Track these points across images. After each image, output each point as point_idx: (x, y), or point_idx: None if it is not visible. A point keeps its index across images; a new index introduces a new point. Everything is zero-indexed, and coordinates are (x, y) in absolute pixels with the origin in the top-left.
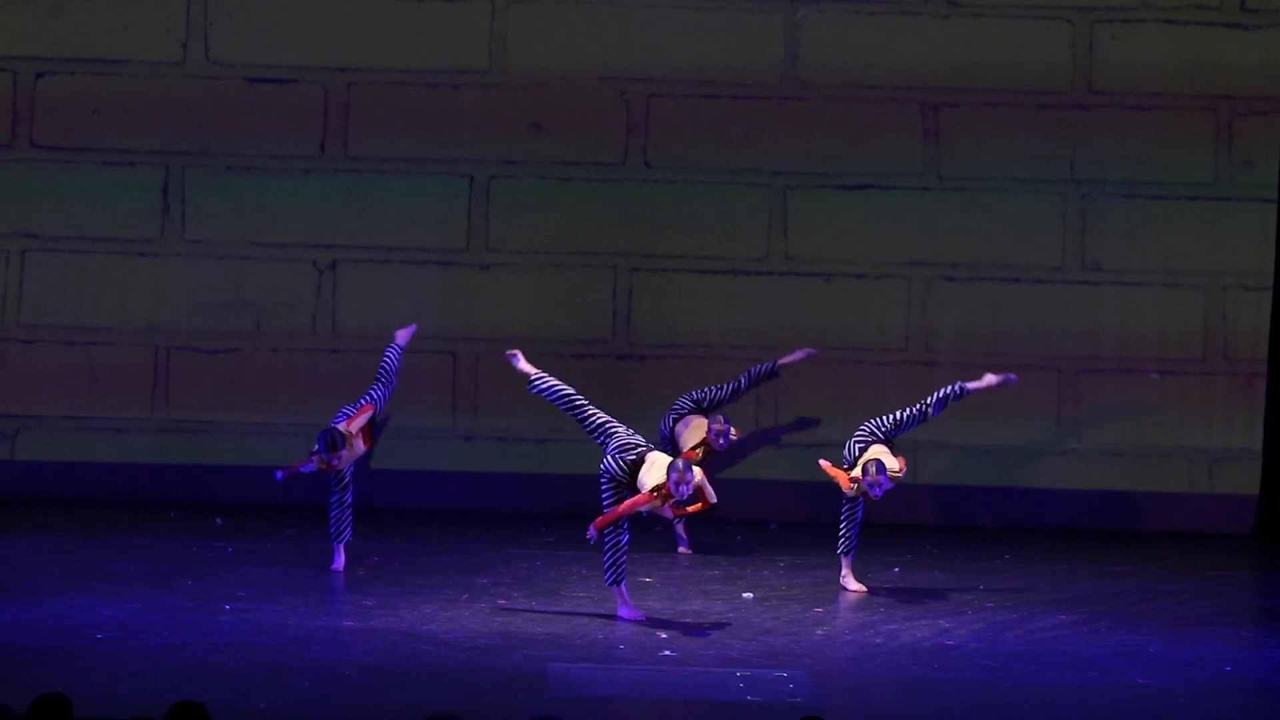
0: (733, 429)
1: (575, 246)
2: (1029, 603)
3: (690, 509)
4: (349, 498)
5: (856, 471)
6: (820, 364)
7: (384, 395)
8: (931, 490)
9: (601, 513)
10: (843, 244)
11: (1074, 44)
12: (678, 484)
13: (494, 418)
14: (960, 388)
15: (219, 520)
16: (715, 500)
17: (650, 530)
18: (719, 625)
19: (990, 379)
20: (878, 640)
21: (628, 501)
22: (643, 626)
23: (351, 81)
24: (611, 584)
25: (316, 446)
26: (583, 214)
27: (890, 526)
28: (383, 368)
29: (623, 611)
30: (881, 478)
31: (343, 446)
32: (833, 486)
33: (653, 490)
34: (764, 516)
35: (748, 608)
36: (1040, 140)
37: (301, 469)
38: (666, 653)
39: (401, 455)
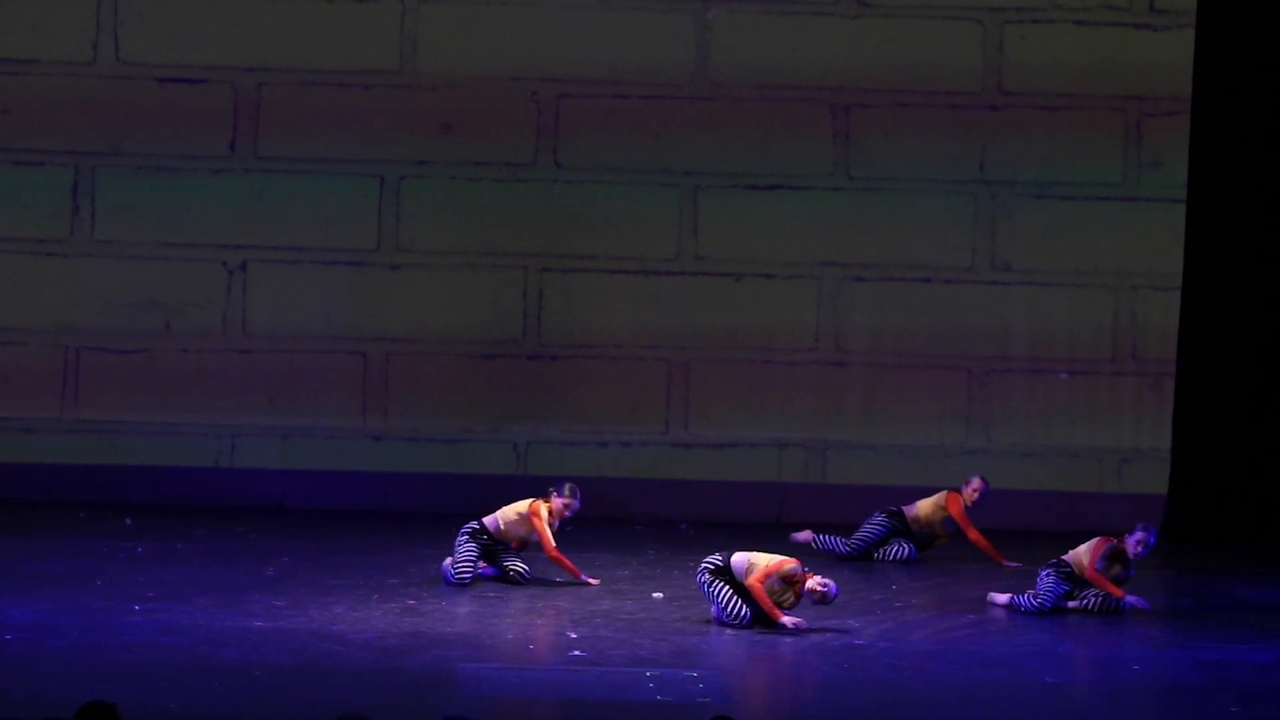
0: None
1: (486, 246)
2: (938, 602)
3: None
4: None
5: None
6: (730, 364)
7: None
8: (842, 490)
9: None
10: (753, 244)
11: (984, 44)
12: None
13: (404, 418)
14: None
15: (129, 520)
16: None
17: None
18: (629, 625)
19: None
20: (787, 639)
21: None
22: (553, 626)
23: (262, 81)
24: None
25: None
26: (494, 214)
27: (803, 526)
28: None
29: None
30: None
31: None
32: (745, 485)
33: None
34: (675, 517)
35: (658, 608)
36: (950, 141)
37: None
38: (577, 653)
39: (312, 455)
